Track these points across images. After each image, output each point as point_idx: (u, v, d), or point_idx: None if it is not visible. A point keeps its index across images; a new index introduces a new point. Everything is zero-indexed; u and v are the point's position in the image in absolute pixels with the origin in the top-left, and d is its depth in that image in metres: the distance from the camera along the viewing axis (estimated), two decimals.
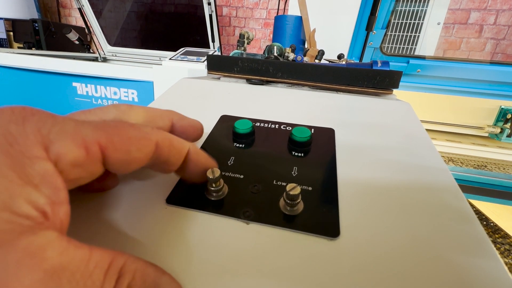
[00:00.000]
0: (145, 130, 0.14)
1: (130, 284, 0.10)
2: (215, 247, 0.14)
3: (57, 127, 0.11)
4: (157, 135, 0.14)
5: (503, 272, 0.13)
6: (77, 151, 0.11)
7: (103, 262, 0.10)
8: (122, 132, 0.13)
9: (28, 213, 0.09)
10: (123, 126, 0.13)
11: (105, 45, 1.72)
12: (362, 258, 0.14)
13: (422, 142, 0.24)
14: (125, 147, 0.13)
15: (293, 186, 0.15)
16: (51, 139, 0.10)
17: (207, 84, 0.35)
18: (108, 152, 0.12)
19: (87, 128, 0.12)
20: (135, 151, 0.13)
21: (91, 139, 0.11)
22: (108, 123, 0.13)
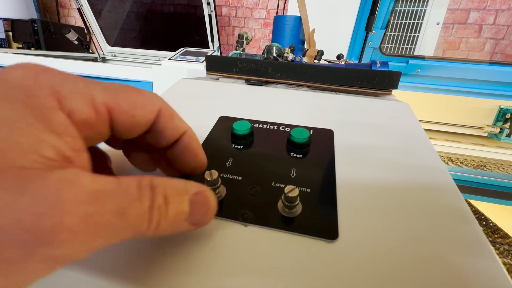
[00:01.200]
0: (149, 95, 0.14)
1: (165, 192, 0.12)
2: (213, 249, 0.14)
3: (69, 84, 0.11)
4: (160, 102, 0.15)
5: (500, 272, 0.13)
6: (87, 110, 0.11)
7: (132, 182, 0.11)
8: (129, 96, 0.13)
9: (54, 157, 0.10)
10: (130, 89, 0.14)
11: (105, 45, 1.71)
12: (361, 261, 0.14)
13: (421, 142, 0.23)
14: (130, 111, 0.13)
15: (291, 188, 0.15)
16: (63, 94, 0.11)
17: (206, 85, 0.35)
18: (114, 114, 0.12)
19: (96, 89, 0.12)
20: (139, 115, 0.13)
21: (100, 99, 0.12)
22: (116, 85, 0.13)
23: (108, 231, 0.10)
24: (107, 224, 0.10)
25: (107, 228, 0.10)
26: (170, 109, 0.15)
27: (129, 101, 0.13)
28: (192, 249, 0.14)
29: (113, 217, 0.10)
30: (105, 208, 0.10)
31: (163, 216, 0.11)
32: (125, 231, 0.10)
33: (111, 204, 0.10)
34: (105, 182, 0.10)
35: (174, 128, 0.15)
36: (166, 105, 0.15)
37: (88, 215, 0.09)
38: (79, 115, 0.11)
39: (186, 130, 0.16)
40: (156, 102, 0.14)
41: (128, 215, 0.10)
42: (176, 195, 0.12)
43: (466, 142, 1.14)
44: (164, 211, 0.11)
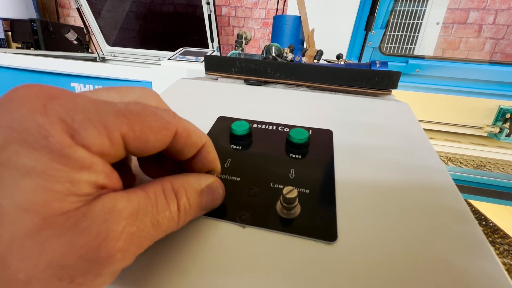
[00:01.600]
0: (166, 118, 0.14)
1: (186, 194, 0.13)
2: (210, 250, 0.14)
3: (79, 114, 0.11)
4: (177, 124, 0.14)
5: (500, 273, 0.13)
6: (101, 141, 0.11)
7: (158, 191, 0.12)
8: (143, 120, 0.13)
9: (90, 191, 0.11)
10: (145, 112, 0.13)
11: (104, 45, 1.71)
12: (360, 262, 0.14)
13: (421, 143, 0.23)
14: (144, 136, 0.13)
15: (290, 189, 0.15)
16: (75, 128, 0.11)
17: (205, 85, 0.35)
18: (127, 140, 0.12)
19: (108, 114, 0.12)
20: (153, 140, 0.13)
21: (113, 127, 0.12)
22: (130, 108, 0.13)
23: (148, 239, 0.12)
24: (147, 236, 0.11)
25: (147, 238, 0.12)
26: (187, 128, 0.15)
27: (143, 127, 0.13)
28: (190, 250, 0.14)
29: (151, 228, 0.12)
30: (143, 224, 0.11)
31: (188, 213, 0.13)
32: (159, 235, 0.12)
33: (147, 219, 0.12)
34: (138, 198, 0.12)
35: (192, 146, 0.15)
36: (183, 125, 0.15)
37: (132, 234, 0.11)
38: (94, 148, 0.11)
39: (205, 142, 0.16)
40: (171, 126, 0.14)
41: (161, 223, 0.12)
42: (194, 193, 0.14)
43: (466, 142, 1.14)
44: (189, 209, 0.13)
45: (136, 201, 0.11)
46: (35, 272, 0.09)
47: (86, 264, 0.10)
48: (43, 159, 0.10)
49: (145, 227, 0.11)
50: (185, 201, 0.13)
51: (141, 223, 0.11)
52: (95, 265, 0.10)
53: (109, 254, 0.10)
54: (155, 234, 0.12)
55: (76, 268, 0.09)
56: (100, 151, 0.11)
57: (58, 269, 0.09)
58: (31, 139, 0.10)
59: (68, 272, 0.09)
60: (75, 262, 0.09)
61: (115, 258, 0.10)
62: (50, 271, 0.09)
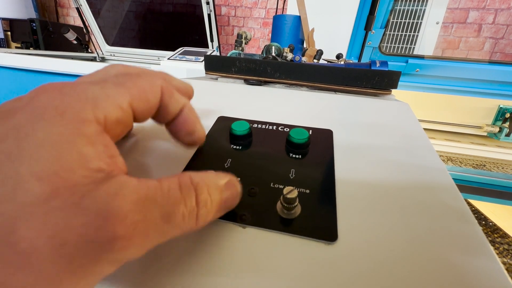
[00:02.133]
0: (149, 77, 0.15)
1: (207, 188, 0.13)
2: (210, 251, 0.14)
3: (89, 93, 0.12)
4: (160, 80, 0.16)
5: (500, 272, 0.13)
6: (117, 110, 0.13)
7: (173, 183, 0.12)
8: (137, 84, 0.14)
9: (99, 166, 0.11)
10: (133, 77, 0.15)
11: (104, 45, 1.71)
12: (360, 262, 0.14)
13: (421, 143, 0.23)
14: (144, 96, 0.14)
15: (290, 189, 0.15)
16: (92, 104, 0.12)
17: (204, 85, 0.35)
18: (134, 104, 0.14)
19: (110, 88, 0.13)
20: (152, 98, 0.15)
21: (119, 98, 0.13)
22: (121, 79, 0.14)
23: (157, 233, 0.11)
24: (156, 228, 0.11)
25: (156, 231, 0.11)
26: (168, 85, 0.16)
27: (139, 89, 0.14)
28: (189, 250, 0.14)
29: (160, 221, 0.11)
30: (151, 214, 0.11)
31: (209, 210, 0.13)
32: (173, 231, 0.11)
33: (156, 210, 0.11)
34: (148, 187, 0.11)
35: (175, 102, 0.17)
36: (165, 82, 0.16)
37: (137, 222, 0.10)
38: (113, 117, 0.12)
39: (185, 103, 0.17)
40: (157, 81, 0.15)
41: (174, 218, 0.11)
42: (215, 188, 0.13)
43: (466, 142, 1.14)
44: (210, 205, 0.13)
45: (145, 189, 0.11)
46: (37, 244, 0.09)
47: (85, 245, 0.09)
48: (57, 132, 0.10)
49: (152, 218, 0.11)
50: (206, 196, 0.13)
51: (149, 212, 0.11)
52: (95, 247, 0.09)
53: (109, 238, 0.10)
54: (166, 228, 0.11)
55: (75, 247, 0.09)
56: (117, 120, 0.13)
57: (59, 245, 0.09)
58: (49, 117, 0.11)
59: (68, 250, 0.09)
60: (75, 240, 0.09)
61: (116, 244, 0.10)
62: (51, 245, 0.09)
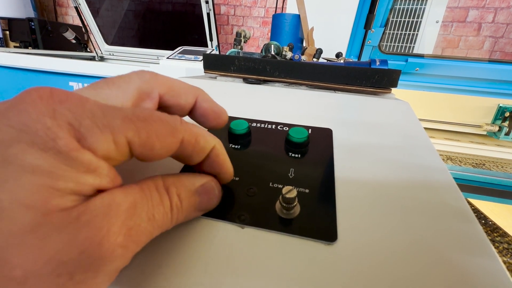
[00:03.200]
0: (172, 125, 0.13)
1: (178, 191, 0.13)
2: (209, 251, 0.14)
3: (86, 119, 0.11)
4: (184, 131, 0.14)
5: (502, 272, 0.13)
6: (107, 146, 0.12)
7: (152, 187, 0.13)
8: (150, 127, 0.13)
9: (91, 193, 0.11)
10: (151, 118, 0.13)
11: (103, 44, 1.71)
12: (360, 262, 0.14)
13: (421, 142, 0.23)
14: (150, 142, 0.13)
15: (289, 189, 0.15)
16: (82, 132, 0.11)
17: (203, 84, 0.34)
18: (133, 145, 0.12)
19: (115, 119, 0.12)
20: (159, 147, 0.13)
21: (118, 132, 0.12)
22: (137, 113, 0.13)
23: (145, 236, 0.12)
24: (144, 231, 0.11)
25: (145, 233, 0.11)
26: (195, 134, 0.14)
27: (149, 133, 0.12)
28: (188, 251, 0.14)
29: (147, 223, 0.12)
30: (140, 218, 0.11)
31: (180, 211, 0.13)
32: (155, 231, 0.12)
33: (144, 213, 0.11)
34: (134, 193, 0.12)
35: (200, 151, 0.15)
36: (190, 131, 0.14)
37: (130, 229, 0.11)
38: (99, 152, 0.11)
39: (213, 145, 0.15)
40: (178, 133, 0.13)
41: (156, 219, 0.12)
42: (187, 191, 0.14)
43: (465, 141, 1.14)
44: (180, 207, 0.13)
45: (132, 196, 0.11)
46: (33, 268, 0.09)
47: (86, 260, 0.09)
48: (50, 159, 0.10)
49: (141, 222, 0.11)
50: (176, 199, 0.13)
51: (138, 217, 0.11)
52: (96, 261, 0.10)
53: (110, 250, 0.10)
54: (151, 229, 0.12)
55: (76, 264, 0.09)
56: (106, 155, 0.12)
57: (58, 265, 0.09)
58: (39, 141, 0.10)
59: (68, 268, 0.09)
60: (76, 257, 0.09)
61: (116, 254, 0.10)
62: (50, 267, 0.09)
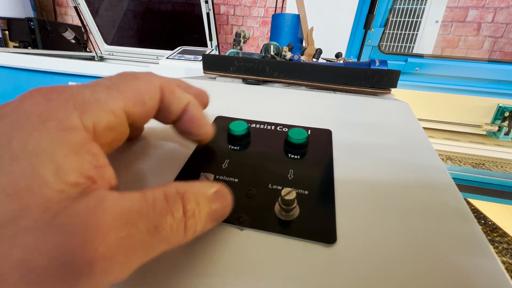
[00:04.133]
0: (148, 77, 0.15)
1: (195, 197, 0.12)
2: (207, 253, 0.14)
3: (78, 97, 0.12)
4: (159, 79, 0.15)
5: (500, 272, 0.13)
6: (107, 116, 0.12)
7: (158, 194, 0.11)
8: (132, 87, 0.14)
9: (76, 180, 0.10)
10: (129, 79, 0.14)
11: (102, 44, 1.70)
12: (360, 265, 0.14)
13: (421, 142, 0.23)
14: (139, 99, 0.14)
15: (288, 190, 0.15)
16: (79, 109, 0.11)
17: (202, 84, 0.34)
18: (128, 109, 0.13)
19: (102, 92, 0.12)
20: (148, 100, 0.14)
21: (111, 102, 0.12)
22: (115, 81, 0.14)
23: (144, 249, 0.10)
24: (141, 244, 0.10)
25: (142, 247, 0.10)
26: (169, 84, 0.16)
27: (134, 91, 0.13)
28: (186, 253, 0.14)
29: (147, 236, 0.10)
30: (136, 229, 0.10)
31: (198, 220, 0.12)
32: (160, 246, 0.10)
33: (142, 224, 0.10)
34: (131, 200, 0.10)
35: (177, 101, 0.16)
36: (164, 81, 0.15)
37: (120, 239, 0.09)
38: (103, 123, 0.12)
39: (189, 100, 0.17)
40: (156, 82, 0.15)
41: (161, 231, 0.10)
42: (203, 197, 0.12)
43: (465, 141, 1.14)
44: (198, 215, 0.12)
45: (128, 202, 0.10)
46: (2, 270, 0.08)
47: (59, 270, 0.08)
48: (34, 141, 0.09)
49: (138, 233, 0.09)
50: (194, 205, 0.12)
51: (133, 227, 0.09)
52: (70, 272, 0.08)
53: (88, 261, 0.08)
54: (153, 242, 0.10)
55: (46, 272, 0.08)
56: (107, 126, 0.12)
57: (27, 271, 0.08)
58: (29, 125, 0.10)
59: (37, 276, 0.08)
60: (46, 264, 0.08)
61: (96, 267, 0.08)
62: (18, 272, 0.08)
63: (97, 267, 0.08)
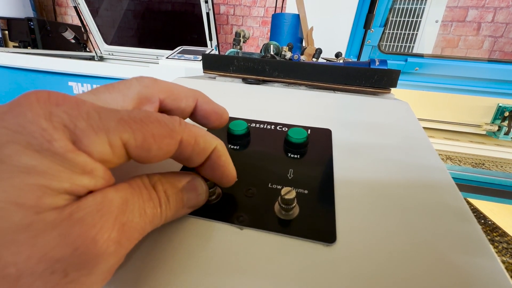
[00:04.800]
0: (170, 126, 0.13)
1: (164, 188, 0.13)
2: (207, 253, 0.14)
3: (82, 121, 0.11)
4: (182, 132, 0.13)
5: (500, 272, 0.13)
6: (102, 148, 0.11)
7: (139, 183, 0.13)
8: (146, 128, 0.12)
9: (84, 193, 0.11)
10: (148, 119, 0.13)
11: (102, 44, 1.70)
12: (359, 264, 0.14)
13: (420, 142, 0.23)
14: (146, 144, 0.12)
15: (288, 190, 0.15)
16: (77, 135, 0.11)
17: (202, 84, 0.34)
18: (129, 148, 0.12)
19: (110, 121, 0.12)
20: (156, 149, 0.13)
21: (114, 135, 0.12)
22: (133, 115, 0.12)
23: (138, 232, 0.12)
24: (137, 226, 0.11)
25: (137, 229, 0.11)
26: (194, 135, 0.14)
27: (145, 135, 0.12)
28: (186, 252, 0.14)
29: (140, 219, 0.12)
30: (133, 214, 0.11)
31: (168, 208, 0.13)
32: (148, 227, 0.12)
33: (135, 209, 0.12)
34: (124, 189, 0.12)
35: (200, 152, 0.14)
36: (189, 132, 0.14)
37: (124, 224, 0.11)
38: (95, 154, 0.11)
39: (215, 147, 0.15)
40: (176, 134, 0.13)
41: (148, 214, 0.12)
42: (173, 188, 0.14)
43: (465, 140, 1.14)
44: (168, 203, 0.13)
45: (123, 192, 0.12)
46: (27, 266, 0.09)
47: (80, 257, 0.09)
48: (44, 160, 0.10)
49: (134, 217, 0.11)
50: (163, 195, 0.13)
51: (131, 213, 0.11)
52: (90, 258, 0.10)
53: (104, 246, 0.10)
54: (143, 225, 0.12)
55: (70, 261, 0.09)
56: (101, 157, 0.11)
57: (52, 262, 0.09)
58: (34, 142, 0.10)
59: (62, 265, 0.09)
60: (70, 254, 0.09)
61: (110, 251, 0.10)
62: (43, 264, 0.09)
63: (110, 251, 0.10)
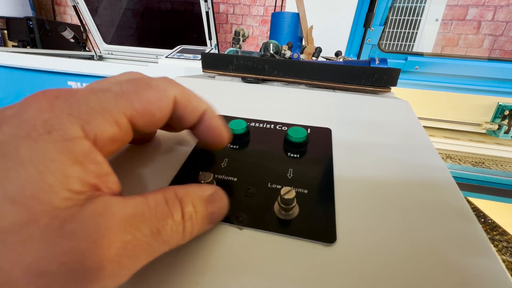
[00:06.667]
0: (162, 87, 0.14)
1: (192, 201, 0.12)
2: (206, 253, 0.14)
3: (83, 106, 0.11)
4: (175, 90, 0.14)
5: (502, 272, 0.13)
6: (110, 128, 0.12)
7: (159, 198, 0.11)
8: (142, 96, 0.13)
9: (81, 189, 0.10)
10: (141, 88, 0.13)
11: (101, 43, 1.70)
12: (359, 264, 0.13)
13: (421, 141, 0.23)
14: (148, 111, 0.13)
15: (287, 190, 0.15)
16: (83, 119, 0.11)
17: (201, 83, 0.34)
18: (134, 120, 0.13)
19: (109, 100, 0.12)
20: (157, 112, 0.13)
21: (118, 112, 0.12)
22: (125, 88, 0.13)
23: (147, 252, 0.10)
24: (144, 246, 0.10)
25: (145, 249, 0.10)
26: (185, 93, 0.15)
27: (144, 102, 0.13)
28: (185, 252, 0.14)
29: (150, 238, 0.10)
30: (141, 232, 0.10)
31: (195, 223, 0.12)
32: (161, 247, 0.11)
33: (146, 227, 0.10)
34: (135, 204, 0.11)
35: (192, 111, 0.16)
36: (180, 91, 0.15)
37: (126, 243, 0.10)
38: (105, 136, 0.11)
39: (206, 109, 0.16)
40: (169, 93, 0.14)
41: (163, 233, 0.11)
42: (200, 200, 0.13)
43: (465, 139, 1.14)
44: (195, 218, 0.12)
45: (132, 206, 0.10)
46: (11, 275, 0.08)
47: (69, 274, 0.08)
48: (41, 150, 0.10)
49: (142, 236, 0.10)
50: (191, 208, 0.12)
51: (138, 231, 0.10)
52: (80, 276, 0.09)
53: (98, 265, 0.09)
54: (155, 245, 0.10)
55: (57, 277, 0.08)
56: (110, 137, 0.12)
57: (36, 276, 0.08)
58: (35, 134, 0.10)
59: (47, 281, 0.08)
60: (56, 269, 0.08)
61: (105, 271, 0.09)
62: (28, 277, 0.08)
63: (105, 270, 0.09)
